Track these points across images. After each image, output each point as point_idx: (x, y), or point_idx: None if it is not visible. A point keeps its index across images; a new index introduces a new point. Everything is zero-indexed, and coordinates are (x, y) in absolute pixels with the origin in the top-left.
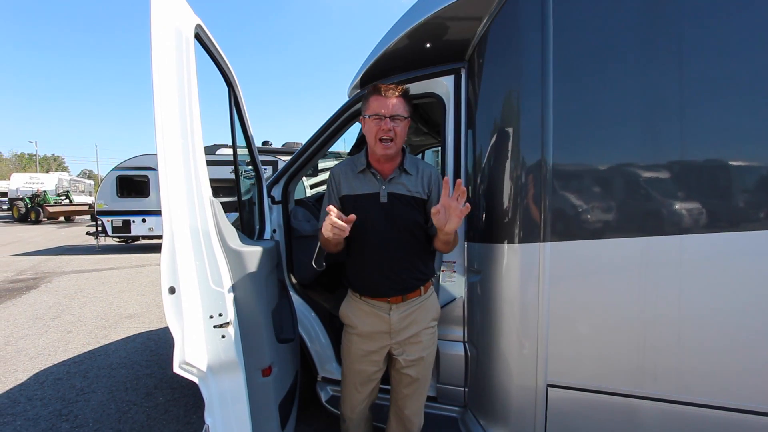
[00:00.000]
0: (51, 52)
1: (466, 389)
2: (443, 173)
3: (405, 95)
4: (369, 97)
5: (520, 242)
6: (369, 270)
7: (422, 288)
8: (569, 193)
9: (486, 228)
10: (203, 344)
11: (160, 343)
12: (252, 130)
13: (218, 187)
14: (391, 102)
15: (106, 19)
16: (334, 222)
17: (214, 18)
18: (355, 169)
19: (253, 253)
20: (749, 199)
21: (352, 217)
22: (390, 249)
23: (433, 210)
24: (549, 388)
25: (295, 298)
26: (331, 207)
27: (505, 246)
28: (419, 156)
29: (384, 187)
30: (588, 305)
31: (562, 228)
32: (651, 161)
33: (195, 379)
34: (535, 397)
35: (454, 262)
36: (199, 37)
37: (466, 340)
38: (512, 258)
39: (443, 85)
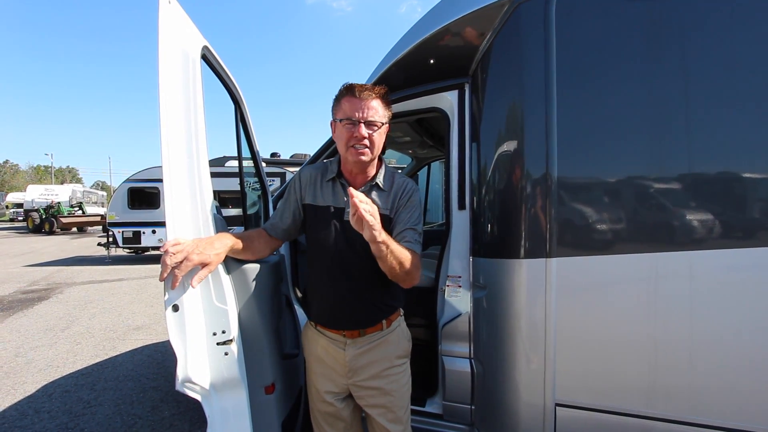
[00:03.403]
0: (69, 62)
1: (473, 407)
2: (447, 187)
3: (383, 97)
4: (341, 99)
5: (525, 257)
6: (325, 296)
7: (384, 322)
8: (575, 208)
9: (491, 243)
10: (206, 361)
11: (166, 355)
12: (258, 146)
13: (227, 198)
14: (367, 105)
15: (120, 27)
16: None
17: (219, 24)
18: (325, 176)
19: (256, 270)
20: (762, 213)
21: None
22: (349, 273)
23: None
24: (557, 407)
25: (300, 312)
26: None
27: (511, 261)
28: (424, 167)
29: None
30: (596, 322)
31: (568, 243)
32: (658, 174)
33: (198, 397)
34: (543, 417)
35: (460, 277)
36: (206, 58)
37: (472, 356)
38: (518, 274)
39: (447, 100)
